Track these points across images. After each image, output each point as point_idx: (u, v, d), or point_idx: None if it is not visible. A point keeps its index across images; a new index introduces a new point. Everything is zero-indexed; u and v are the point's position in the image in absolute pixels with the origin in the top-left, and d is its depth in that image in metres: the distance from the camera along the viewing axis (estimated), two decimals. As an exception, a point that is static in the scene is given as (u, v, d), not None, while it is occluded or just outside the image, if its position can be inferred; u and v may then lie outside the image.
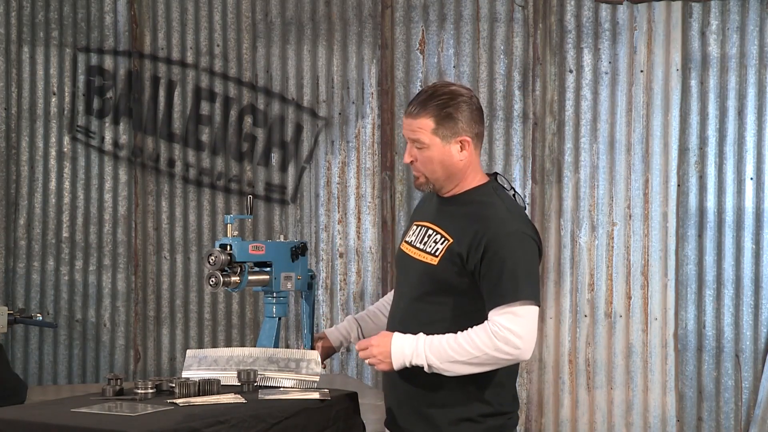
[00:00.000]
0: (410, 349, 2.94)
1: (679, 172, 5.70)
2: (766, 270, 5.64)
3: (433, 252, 3.00)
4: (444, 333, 2.95)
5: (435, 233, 3.03)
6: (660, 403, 5.71)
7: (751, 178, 5.65)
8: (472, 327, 2.93)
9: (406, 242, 3.13)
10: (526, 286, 2.89)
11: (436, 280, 2.99)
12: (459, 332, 2.92)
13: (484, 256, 2.91)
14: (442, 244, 2.99)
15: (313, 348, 3.36)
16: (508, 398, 3.05)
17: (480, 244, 2.92)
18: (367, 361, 3.01)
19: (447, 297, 2.98)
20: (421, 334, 2.96)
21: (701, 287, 5.70)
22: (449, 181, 3.03)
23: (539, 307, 2.95)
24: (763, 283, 5.63)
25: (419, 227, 3.10)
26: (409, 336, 2.96)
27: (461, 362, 2.90)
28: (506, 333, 2.86)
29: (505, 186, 3.11)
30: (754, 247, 5.65)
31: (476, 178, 3.05)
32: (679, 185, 5.71)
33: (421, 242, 3.05)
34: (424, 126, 2.98)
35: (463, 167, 3.01)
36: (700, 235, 5.70)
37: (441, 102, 2.98)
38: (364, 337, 3.35)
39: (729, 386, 5.66)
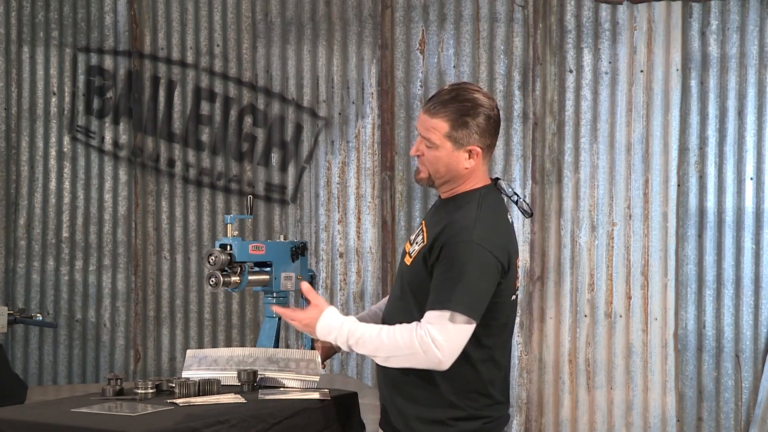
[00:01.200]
0: (335, 332, 2.92)
1: (679, 172, 5.70)
2: (766, 270, 5.64)
3: (411, 252, 3.01)
4: None
5: (421, 233, 3.03)
6: (660, 403, 5.71)
7: (751, 178, 5.65)
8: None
9: (410, 242, 3.13)
10: (463, 297, 2.82)
11: (408, 281, 2.99)
12: (386, 326, 2.89)
13: (438, 257, 2.89)
14: (419, 245, 2.99)
15: (313, 348, 3.36)
16: (487, 403, 3.00)
17: (438, 246, 2.90)
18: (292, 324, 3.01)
19: (415, 297, 2.97)
20: (351, 317, 2.96)
21: (701, 287, 5.70)
22: (450, 183, 3.02)
23: (474, 322, 2.84)
24: (763, 283, 5.63)
25: (420, 227, 3.11)
26: (338, 317, 2.94)
27: (380, 357, 2.89)
28: (429, 341, 2.81)
29: (507, 192, 3.08)
30: (754, 247, 5.64)
31: (475, 183, 3.02)
32: (679, 185, 5.71)
33: (412, 242, 3.06)
34: (438, 127, 2.96)
35: (467, 174, 3.00)
36: (700, 235, 5.70)
37: (461, 108, 2.94)
38: None
39: (729, 386, 5.66)
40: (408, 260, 3.03)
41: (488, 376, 2.98)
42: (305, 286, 3.00)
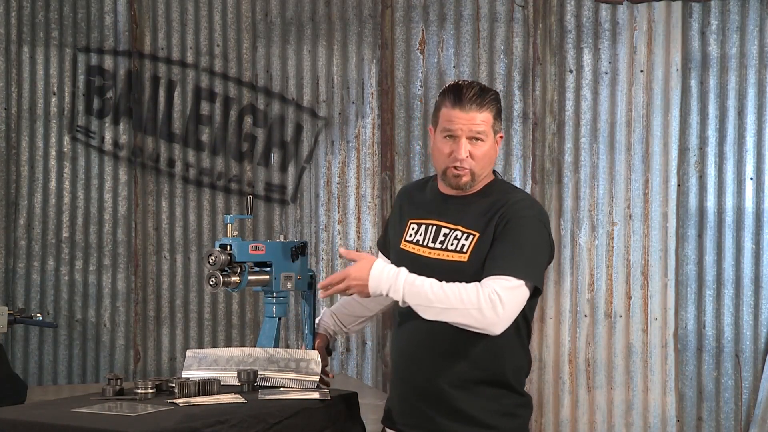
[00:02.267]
0: (388, 282, 2.88)
1: (679, 172, 5.70)
2: (766, 270, 5.64)
3: (458, 249, 2.95)
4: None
5: (452, 231, 2.98)
6: (660, 403, 5.71)
7: (751, 178, 5.65)
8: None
9: (409, 242, 3.07)
10: (528, 267, 2.87)
11: (470, 275, 2.91)
12: (445, 282, 2.87)
13: (499, 230, 2.91)
14: (467, 239, 2.95)
15: (314, 348, 3.36)
16: (521, 391, 3.06)
17: (499, 224, 2.92)
18: (341, 291, 2.93)
19: None
20: (403, 268, 2.90)
21: (701, 287, 5.70)
22: (485, 174, 3.03)
23: (539, 293, 2.92)
24: (763, 283, 5.63)
25: (425, 226, 3.05)
26: (390, 267, 2.90)
27: (434, 309, 2.84)
28: (495, 298, 2.81)
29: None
30: (754, 247, 5.64)
31: (491, 174, 3.06)
32: (679, 185, 5.71)
33: (434, 241, 3.00)
34: (487, 120, 2.96)
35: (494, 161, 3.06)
36: (700, 235, 5.70)
37: (495, 96, 2.99)
38: (343, 327, 3.39)
39: (729, 386, 5.66)
40: (455, 257, 2.95)
41: (526, 360, 3.06)
42: (343, 250, 3.02)
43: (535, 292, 2.93)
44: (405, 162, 5.88)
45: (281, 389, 3.19)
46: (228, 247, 3.29)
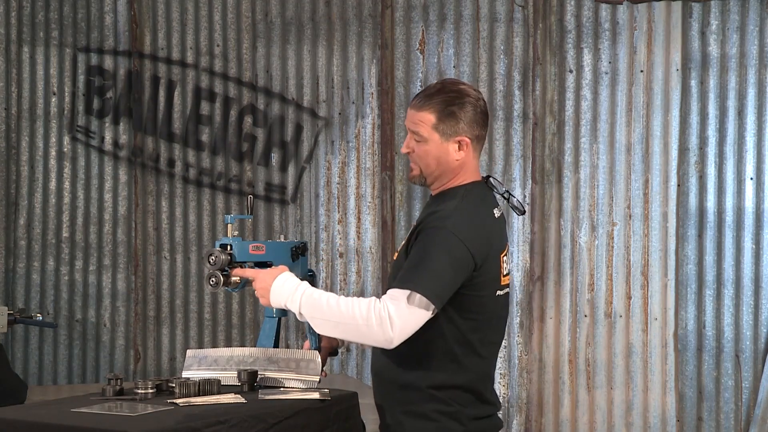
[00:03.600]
0: (288, 292, 2.92)
1: (679, 172, 5.70)
2: (766, 270, 5.64)
3: (400, 250, 3.02)
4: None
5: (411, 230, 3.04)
6: (660, 403, 5.71)
7: (751, 178, 5.65)
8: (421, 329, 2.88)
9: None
10: (426, 281, 2.80)
11: (392, 275, 2.99)
12: (344, 297, 2.88)
13: (412, 241, 2.91)
14: (406, 241, 3.00)
15: (320, 348, 3.36)
16: (471, 399, 2.96)
17: (413, 234, 2.93)
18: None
19: None
20: (305, 282, 2.94)
21: (701, 287, 5.70)
22: (441, 178, 3.01)
23: (434, 307, 2.79)
24: (763, 283, 5.64)
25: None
26: (293, 280, 2.94)
27: (329, 323, 2.85)
28: (385, 314, 2.77)
29: (498, 189, 3.06)
30: (754, 247, 5.65)
31: (464, 178, 3.01)
32: (679, 185, 5.71)
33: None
34: (425, 120, 2.97)
35: (457, 167, 2.98)
36: (700, 235, 5.70)
37: (446, 98, 2.96)
38: None
39: (729, 386, 5.66)
40: (396, 255, 3.05)
41: (475, 371, 2.95)
42: (238, 271, 3.09)
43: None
44: (405, 162, 5.88)
45: (281, 389, 3.19)
46: (228, 247, 3.29)
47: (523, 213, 3.15)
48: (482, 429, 3.00)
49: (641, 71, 5.70)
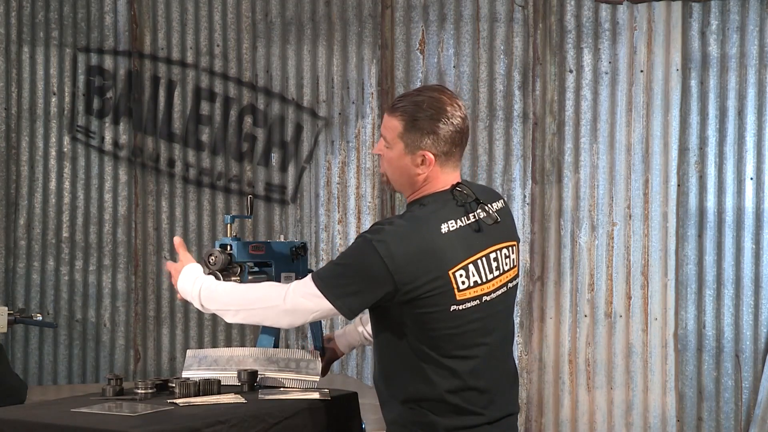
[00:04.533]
0: (189, 284, 3.01)
1: (679, 172, 5.70)
2: (766, 270, 5.64)
3: None
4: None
5: None
6: (660, 403, 5.71)
7: (751, 178, 5.65)
8: (388, 339, 2.87)
9: None
10: (326, 273, 2.81)
11: None
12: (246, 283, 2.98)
13: None
14: None
15: (323, 347, 3.36)
16: (449, 410, 2.87)
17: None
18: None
19: None
20: (210, 276, 3.06)
21: (701, 287, 5.70)
22: (405, 188, 2.93)
23: (326, 299, 2.78)
24: (763, 283, 5.63)
25: None
26: (197, 271, 3.03)
27: (231, 309, 2.95)
28: (284, 290, 2.85)
29: (462, 200, 2.87)
30: (754, 247, 5.65)
31: (429, 191, 2.90)
32: (679, 185, 5.71)
33: None
34: (393, 126, 2.90)
35: (421, 180, 2.88)
36: (700, 235, 5.70)
37: (417, 109, 2.85)
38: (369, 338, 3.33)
39: (729, 386, 5.66)
40: None
41: (446, 384, 2.85)
42: (177, 240, 3.13)
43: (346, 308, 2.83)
44: (405, 162, 5.88)
45: (281, 389, 3.19)
46: (228, 247, 3.29)
47: (495, 222, 2.90)
48: None
49: (641, 71, 5.70)
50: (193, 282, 3.01)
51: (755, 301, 5.64)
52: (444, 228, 2.82)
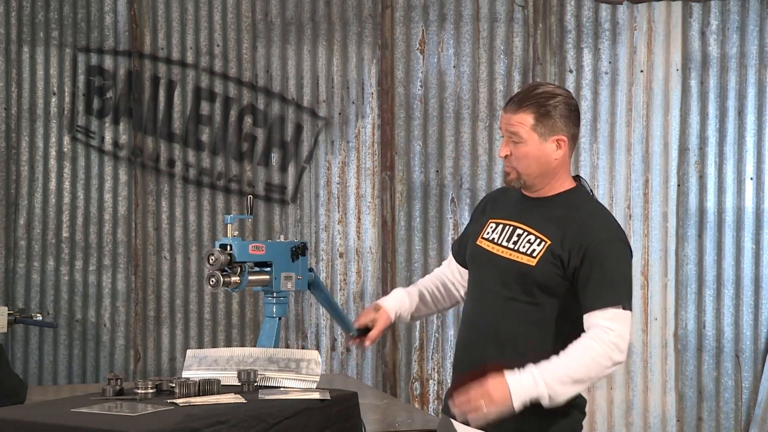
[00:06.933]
0: (528, 381, 2.86)
1: (679, 172, 5.70)
2: (766, 270, 5.64)
3: (528, 253, 3.00)
4: (542, 333, 2.97)
5: (527, 234, 3.02)
6: (660, 403, 5.71)
7: (751, 178, 5.65)
8: (569, 328, 2.94)
9: (486, 239, 3.10)
10: (624, 293, 2.96)
11: (534, 280, 2.98)
12: (563, 353, 2.89)
13: (584, 261, 2.94)
14: (539, 245, 2.99)
15: (362, 334, 3.32)
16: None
17: (580, 249, 2.94)
18: (471, 412, 2.85)
19: (545, 298, 2.98)
20: (530, 365, 2.88)
21: (701, 287, 5.70)
22: (541, 179, 3.04)
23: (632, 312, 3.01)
24: (763, 283, 5.64)
25: (503, 225, 3.09)
26: (516, 371, 2.88)
27: (584, 385, 2.93)
28: (614, 337, 2.88)
29: (588, 186, 3.14)
30: (754, 247, 5.65)
31: (567, 181, 3.08)
32: (679, 185, 5.71)
33: (508, 241, 3.05)
34: (523, 121, 3.00)
35: (557, 167, 3.03)
36: (700, 235, 5.70)
37: (541, 99, 3.00)
38: (414, 315, 3.34)
39: (729, 386, 5.66)
40: (525, 259, 3.00)
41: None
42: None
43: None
44: (405, 162, 5.88)
45: (281, 389, 3.19)
46: (228, 247, 3.29)
47: None
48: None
49: (641, 71, 5.70)
50: (530, 393, 2.85)
51: (755, 301, 5.64)
52: None
